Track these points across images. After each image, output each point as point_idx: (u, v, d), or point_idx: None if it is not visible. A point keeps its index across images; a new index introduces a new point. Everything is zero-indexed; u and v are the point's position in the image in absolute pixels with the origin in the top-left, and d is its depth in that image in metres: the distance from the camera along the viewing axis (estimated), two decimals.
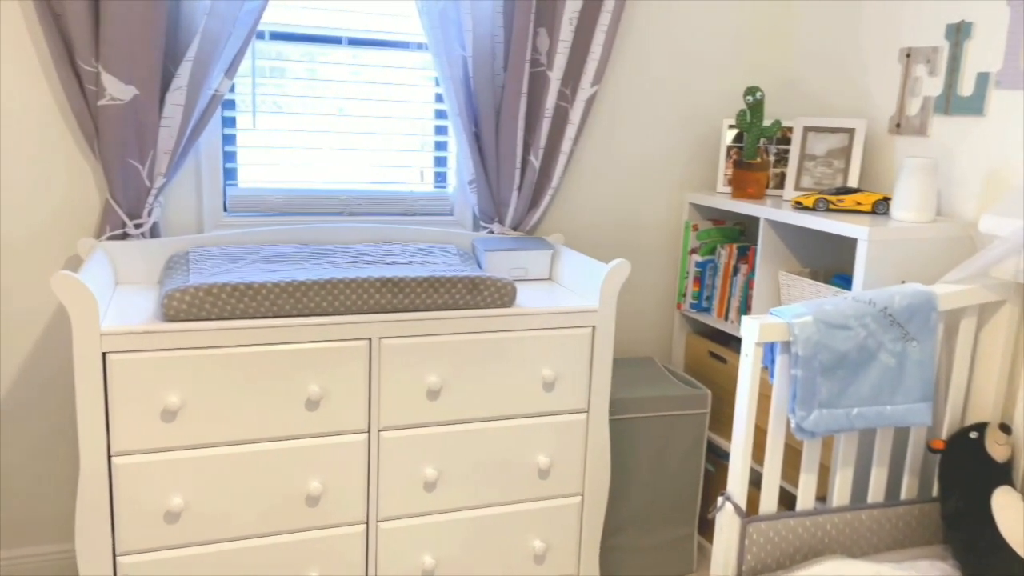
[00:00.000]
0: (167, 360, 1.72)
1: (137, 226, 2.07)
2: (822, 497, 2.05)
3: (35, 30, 1.97)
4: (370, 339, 1.86)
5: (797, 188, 2.43)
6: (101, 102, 1.95)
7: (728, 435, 2.47)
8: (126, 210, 2.06)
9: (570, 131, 2.38)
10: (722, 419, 2.50)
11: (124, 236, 2.08)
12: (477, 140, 2.32)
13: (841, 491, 1.86)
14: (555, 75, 2.31)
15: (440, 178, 2.49)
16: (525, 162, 2.38)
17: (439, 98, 2.40)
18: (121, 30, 1.91)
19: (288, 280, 1.79)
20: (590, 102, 2.38)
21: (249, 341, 1.77)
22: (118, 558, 1.77)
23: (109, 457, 1.72)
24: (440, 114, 2.43)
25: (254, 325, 1.77)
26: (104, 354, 1.68)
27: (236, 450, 1.80)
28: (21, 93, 2.00)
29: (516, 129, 2.31)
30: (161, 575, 1.80)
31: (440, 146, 2.46)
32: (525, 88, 2.29)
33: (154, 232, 2.12)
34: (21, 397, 2.14)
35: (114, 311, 1.81)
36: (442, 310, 1.91)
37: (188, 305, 1.72)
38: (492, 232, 2.41)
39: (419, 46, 2.36)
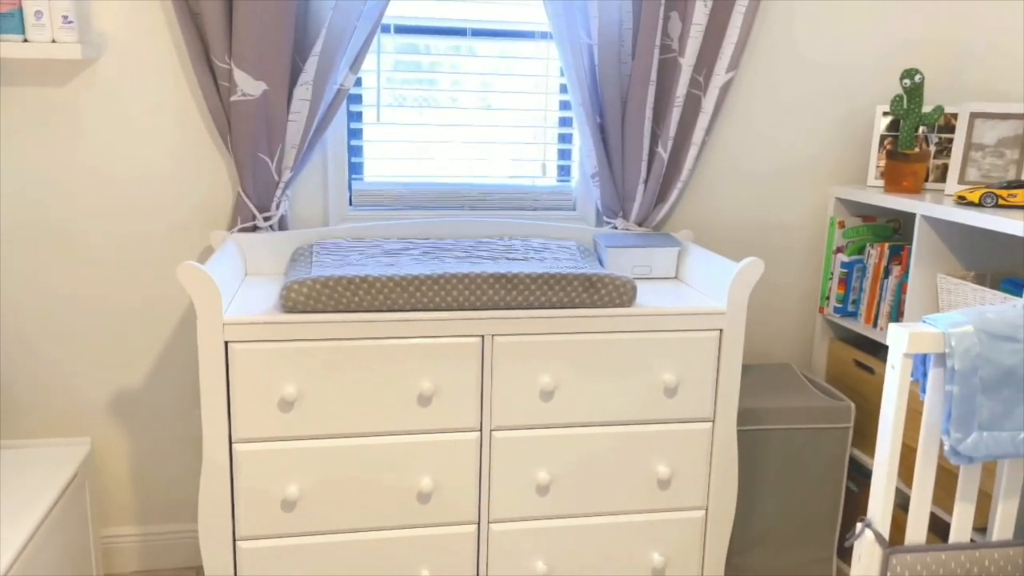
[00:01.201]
0: (286, 351, 1.74)
1: (266, 219, 2.13)
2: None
3: (175, 30, 2.06)
4: (483, 336, 1.81)
5: (961, 181, 2.17)
6: (233, 98, 2.00)
7: (874, 452, 2.26)
8: (256, 203, 2.11)
9: (702, 120, 2.24)
10: (868, 434, 2.28)
11: (254, 228, 2.14)
12: (602, 131, 2.23)
13: (1004, 524, 1.64)
14: (687, 61, 2.17)
15: (564, 172, 2.41)
16: (652, 154, 2.26)
17: (565, 89, 2.33)
18: (252, 27, 1.95)
19: (402, 274, 1.78)
20: (725, 89, 2.23)
21: (364, 334, 1.77)
22: (238, 543, 1.81)
23: (230, 444, 1.77)
24: (565, 106, 2.35)
25: (369, 318, 1.76)
26: (227, 343, 1.72)
27: (349, 443, 1.81)
28: (164, 91, 2.10)
29: (643, 119, 2.19)
30: (277, 562, 1.83)
31: (565, 139, 2.39)
32: (654, 76, 2.17)
33: (282, 225, 2.17)
34: (159, 383, 2.25)
35: (240, 301, 1.85)
36: (557, 308, 1.84)
37: (306, 297, 1.74)
38: (616, 228, 2.31)
39: (544, 35, 2.29)
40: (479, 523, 1.91)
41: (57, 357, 2.18)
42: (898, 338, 1.51)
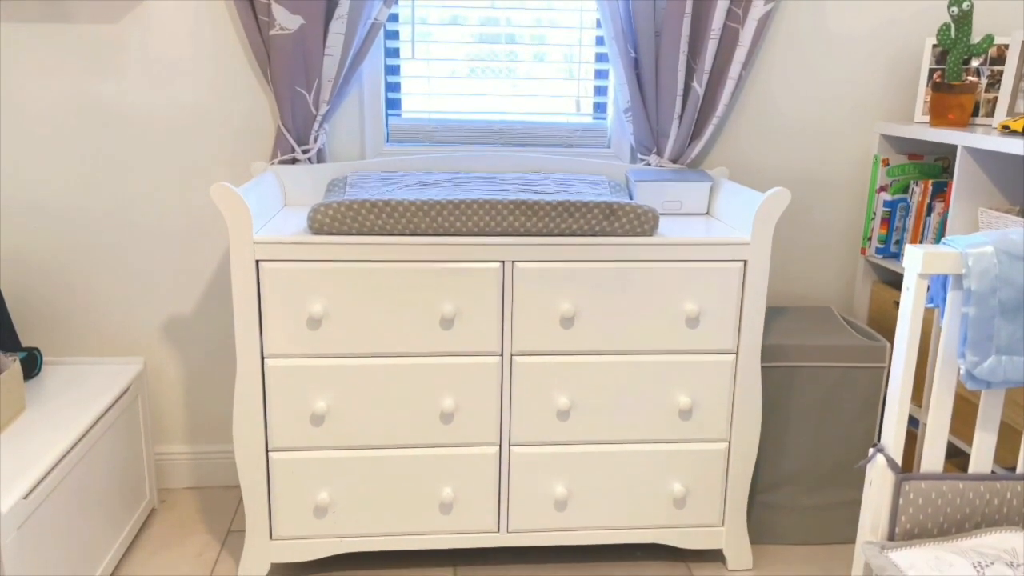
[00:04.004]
0: (313, 271, 1.82)
1: (304, 151, 2.20)
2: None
3: None
4: (503, 262, 1.85)
5: (1011, 114, 2.08)
6: (272, 32, 2.07)
7: (917, 396, 2.21)
8: (295, 136, 2.19)
9: (740, 54, 2.20)
10: None
11: (293, 161, 2.22)
12: (636, 66, 2.21)
13: None
14: None
15: (601, 109, 2.41)
16: (688, 88, 2.23)
17: (600, 24, 2.32)
18: None
19: (424, 199, 1.82)
20: (764, 21, 2.18)
21: (387, 257, 1.82)
22: (270, 454, 1.91)
23: (262, 359, 1.86)
24: (602, 42, 2.34)
25: (392, 241, 1.82)
26: (257, 262, 1.80)
27: (373, 362, 1.88)
28: (209, 26, 2.18)
29: (678, 52, 2.17)
30: (306, 474, 1.92)
31: (601, 75, 2.38)
32: (689, 8, 2.14)
33: (320, 158, 2.24)
34: (209, 308, 2.37)
35: (275, 225, 1.94)
36: (577, 236, 1.85)
37: (331, 219, 1.81)
38: (649, 164, 2.30)
39: None
40: (500, 445, 1.96)
41: (112, 281, 2.32)
42: (913, 258, 1.47)
